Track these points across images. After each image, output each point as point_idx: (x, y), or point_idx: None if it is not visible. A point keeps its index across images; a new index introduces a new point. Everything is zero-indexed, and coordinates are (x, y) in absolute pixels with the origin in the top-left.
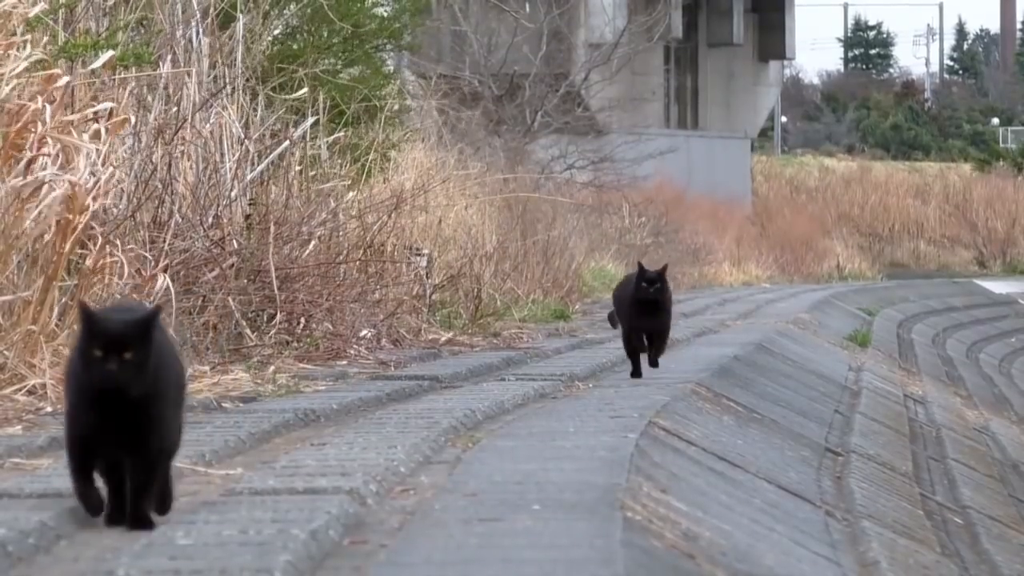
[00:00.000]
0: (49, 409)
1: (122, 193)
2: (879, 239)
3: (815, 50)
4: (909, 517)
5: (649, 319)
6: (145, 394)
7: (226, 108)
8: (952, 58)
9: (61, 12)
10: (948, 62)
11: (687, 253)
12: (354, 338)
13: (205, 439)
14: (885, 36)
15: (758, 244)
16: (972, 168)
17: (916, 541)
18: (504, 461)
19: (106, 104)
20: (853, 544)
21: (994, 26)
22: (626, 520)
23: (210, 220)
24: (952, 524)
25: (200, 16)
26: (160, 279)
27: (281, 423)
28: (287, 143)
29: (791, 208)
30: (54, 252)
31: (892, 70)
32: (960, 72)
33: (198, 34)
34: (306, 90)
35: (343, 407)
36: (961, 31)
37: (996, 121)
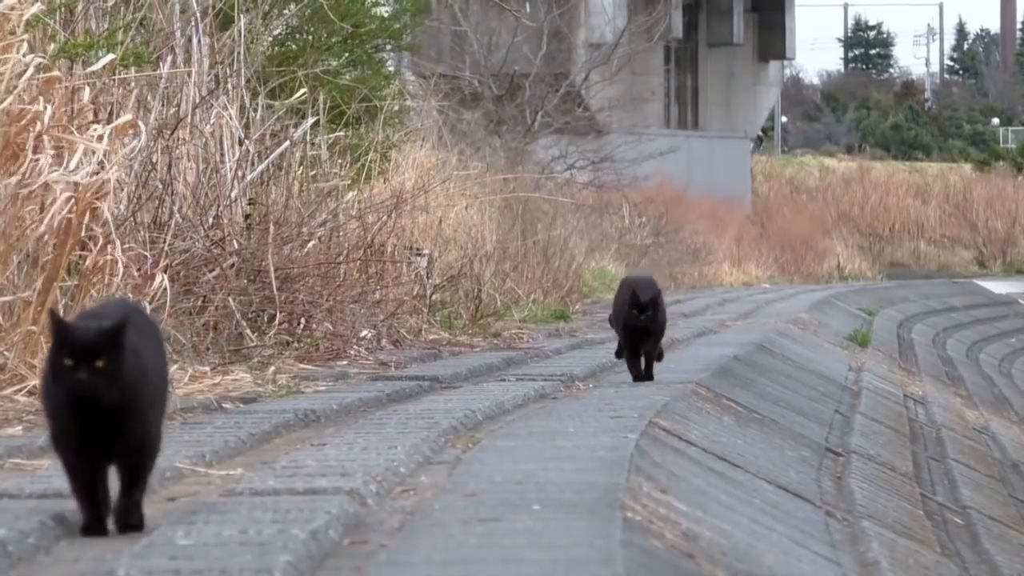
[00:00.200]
0: None
1: (122, 193)
2: (879, 239)
3: (815, 50)
4: (909, 517)
5: (639, 343)
6: (121, 402)
7: (226, 108)
8: (952, 58)
9: (59, 12)
10: (948, 62)
11: (687, 253)
12: (354, 338)
13: (205, 439)
14: (885, 36)
15: (758, 244)
16: (972, 168)
17: (916, 541)
18: (504, 461)
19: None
20: (853, 544)
21: (994, 26)
22: (626, 520)
23: (210, 220)
24: (952, 524)
25: (200, 16)
26: (158, 279)
27: (281, 423)
28: (287, 143)
29: (791, 208)
30: (54, 252)
31: (892, 70)
32: (960, 72)
33: (198, 34)
34: (305, 91)
35: (343, 407)
36: (961, 31)
37: (996, 121)
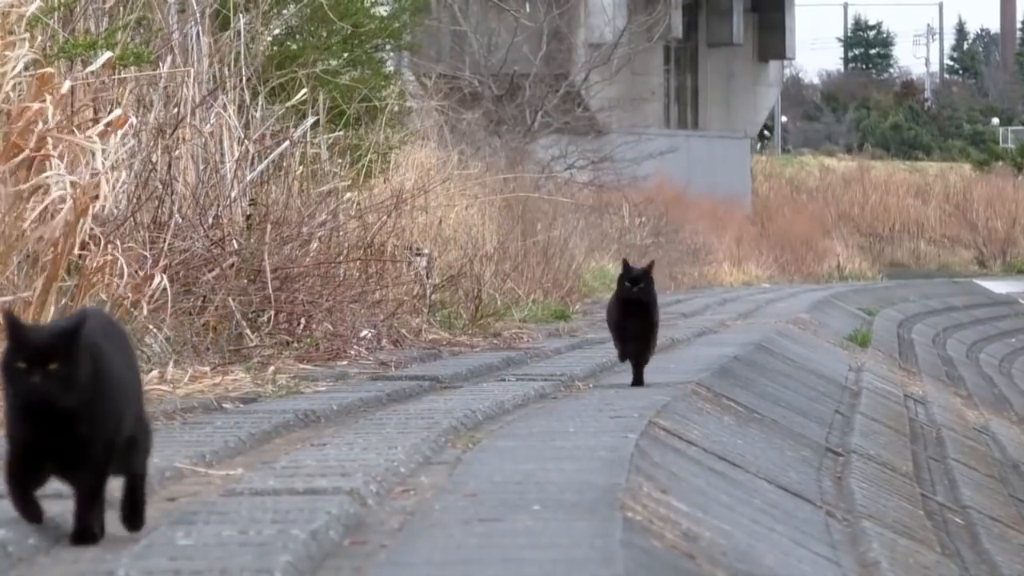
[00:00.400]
0: None
1: (123, 193)
2: (879, 239)
3: (815, 50)
4: (909, 517)
5: (636, 319)
6: (77, 406)
7: (226, 108)
8: (952, 58)
9: (58, 12)
10: (948, 62)
11: (687, 253)
12: (354, 338)
13: (205, 439)
14: (885, 36)
15: (758, 244)
16: (972, 168)
17: (916, 541)
18: (504, 461)
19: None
20: (853, 544)
21: (994, 26)
22: (626, 520)
23: (210, 220)
24: (952, 524)
25: (200, 16)
26: (157, 279)
27: (281, 424)
28: (287, 143)
29: (791, 208)
30: (54, 252)
31: (892, 70)
32: (960, 72)
33: (199, 35)
34: (305, 91)
35: (343, 408)
36: (961, 31)
37: (996, 121)
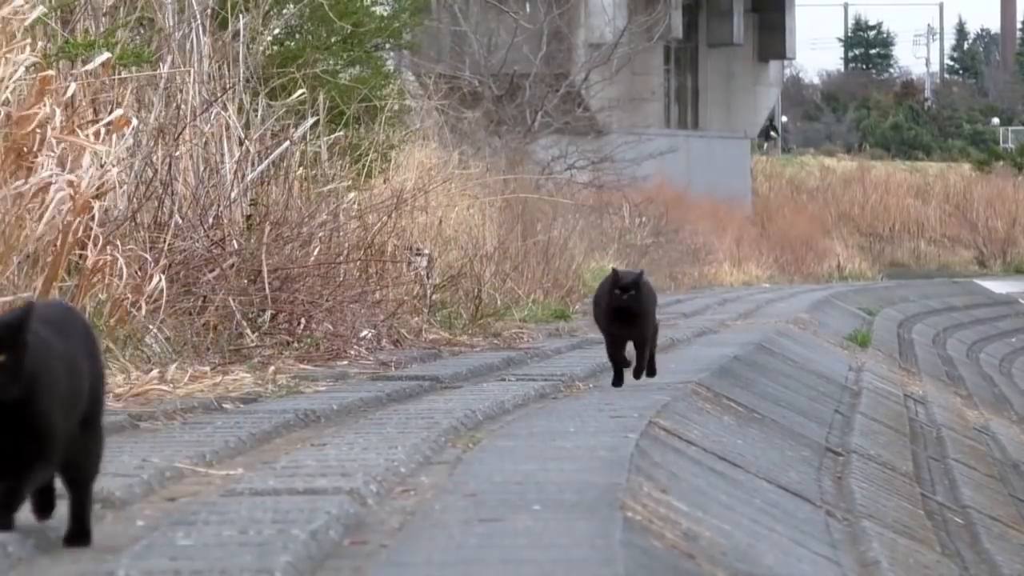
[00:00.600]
0: None
1: (123, 193)
2: (879, 239)
3: (815, 50)
4: (909, 517)
5: (625, 327)
6: (21, 398)
7: (226, 108)
8: (952, 58)
9: (58, 12)
10: (948, 62)
11: (687, 253)
12: (354, 338)
13: (205, 439)
14: (885, 36)
15: (758, 244)
16: (972, 168)
17: (916, 541)
18: (504, 461)
19: (118, 112)
20: (853, 544)
21: (994, 26)
22: (626, 520)
23: (210, 220)
24: (952, 524)
25: (200, 16)
26: (156, 279)
27: (281, 423)
28: (287, 143)
29: (791, 208)
30: (54, 252)
31: (892, 70)
32: (960, 72)
33: (199, 35)
34: (304, 91)
35: (343, 407)
36: (961, 31)
37: (996, 121)
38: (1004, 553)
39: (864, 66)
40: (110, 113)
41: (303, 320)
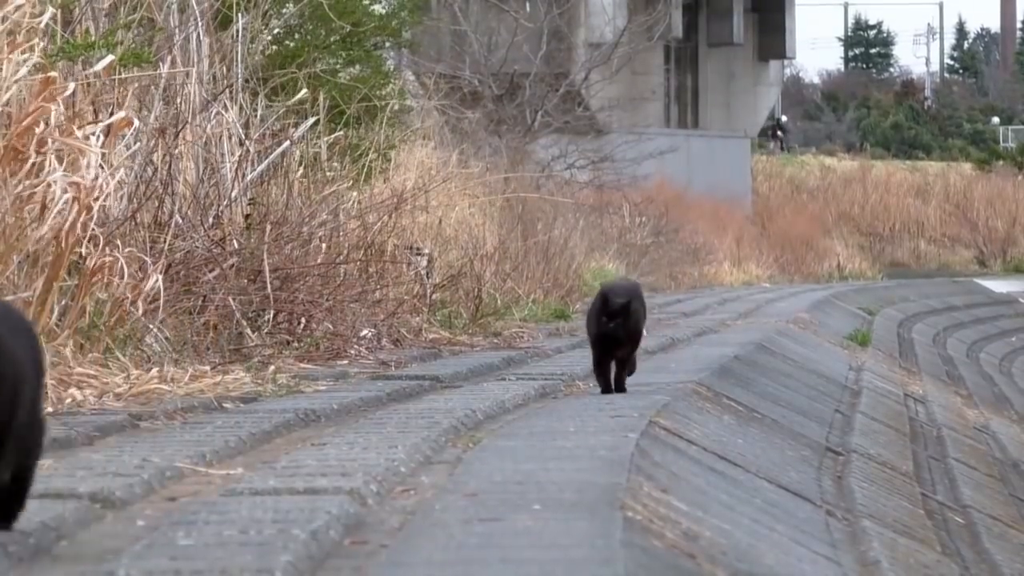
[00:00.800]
0: (50, 409)
1: (123, 193)
2: (879, 238)
3: (815, 49)
4: (910, 516)
5: (612, 350)
6: None
7: (227, 108)
8: (952, 57)
9: (58, 13)
10: (948, 61)
11: (687, 253)
12: (354, 338)
13: (205, 439)
14: (885, 35)
15: (758, 244)
16: (972, 167)
17: (917, 540)
18: (505, 461)
19: (120, 114)
20: (854, 543)
21: (994, 25)
22: (626, 520)
23: (210, 220)
24: (953, 523)
25: (200, 16)
26: (154, 279)
27: (282, 423)
28: (287, 143)
29: (791, 207)
30: (54, 252)
31: (892, 69)
32: (960, 71)
33: (198, 31)
34: (305, 91)
35: (343, 407)
36: (961, 30)
37: (996, 120)
38: (1004, 553)
39: (864, 66)
40: (111, 114)
41: (303, 320)
